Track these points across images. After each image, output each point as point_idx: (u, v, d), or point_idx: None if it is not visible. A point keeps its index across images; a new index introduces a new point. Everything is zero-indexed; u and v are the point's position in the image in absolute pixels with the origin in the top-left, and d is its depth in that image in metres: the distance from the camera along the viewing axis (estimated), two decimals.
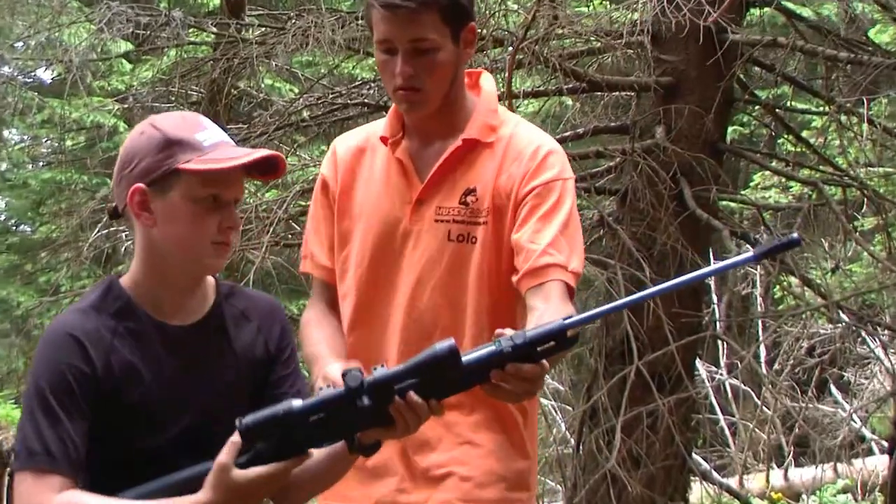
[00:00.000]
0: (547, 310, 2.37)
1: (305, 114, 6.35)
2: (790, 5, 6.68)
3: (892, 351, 6.47)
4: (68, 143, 9.73)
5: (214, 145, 2.17)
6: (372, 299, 2.62)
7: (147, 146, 2.17)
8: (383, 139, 2.65)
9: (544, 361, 2.10)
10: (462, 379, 2.11)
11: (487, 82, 2.71)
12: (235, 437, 2.08)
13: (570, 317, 2.12)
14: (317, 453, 2.17)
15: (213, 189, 2.16)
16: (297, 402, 2.08)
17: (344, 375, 2.08)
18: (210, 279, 2.27)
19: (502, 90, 5.28)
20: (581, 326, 2.15)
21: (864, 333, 6.69)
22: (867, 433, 8.89)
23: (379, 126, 2.72)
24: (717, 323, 7.94)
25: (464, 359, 2.09)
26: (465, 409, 2.57)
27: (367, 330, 2.62)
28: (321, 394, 2.09)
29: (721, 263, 2.35)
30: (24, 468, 2.09)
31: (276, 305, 2.36)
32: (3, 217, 14.51)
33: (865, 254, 7.50)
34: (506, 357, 2.09)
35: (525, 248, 2.47)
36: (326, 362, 2.50)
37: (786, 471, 9.15)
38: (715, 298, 8.87)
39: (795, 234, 2.11)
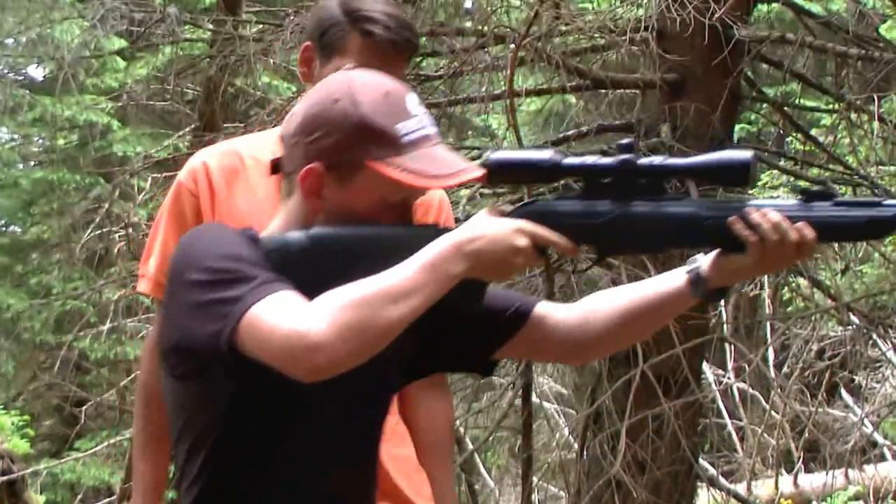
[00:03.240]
0: None
1: None
2: (798, 1, 6.60)
3: None
4: (60, 141, 9.68)
5: (415, 143, 1.86)
6: None
7: (339, 122, 1.86)
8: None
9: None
10: None
11: None
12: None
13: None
14: (614, 296, 1.98)
15: (402, 194, 1.89)
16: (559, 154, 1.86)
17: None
18: None
19: (504, 88, 5.22)
20: None
21: (875, 336, 6.59)
22: (879, 438, 8.79)
23: (251, 149, 2.58)
24: (725, 325, 7.84)
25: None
26: None
27: None
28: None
29: None
30: (248, 304, 1.72)
31: None
32: None
33: (876, 254, 7.42)
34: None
35: None
36: None
37: (795, 477, 9.07)
38: (722, 300, 8.77)
39: None
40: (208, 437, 1.87)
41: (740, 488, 8.12)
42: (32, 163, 13.35)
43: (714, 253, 1.93)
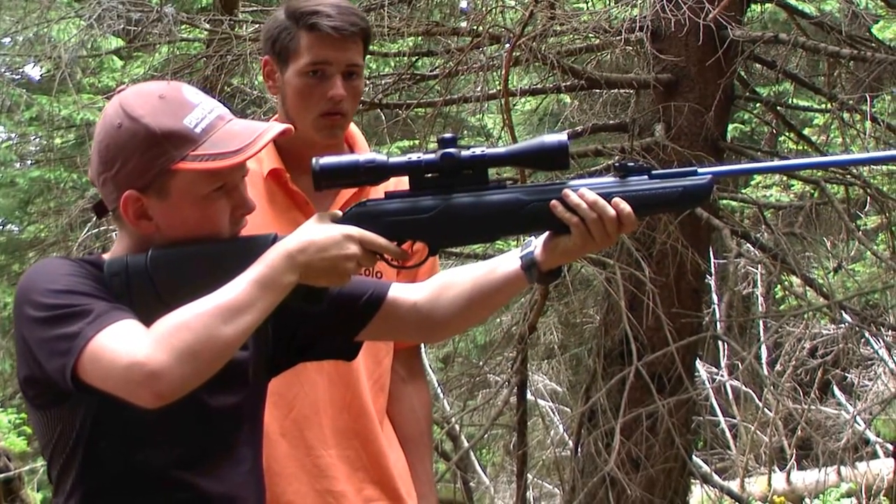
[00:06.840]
0: None
1: None
2: (791, 1, 6.62)
3: None
4: (57, 141, 9.62)
5: (209, 129, 1.88)
6: None
7: (130, 144, 1.87)
8: (277, 172, 2.59)
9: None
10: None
11: None
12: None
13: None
14: (460, 278, 2.04)
15: (219, 181, 1.90)
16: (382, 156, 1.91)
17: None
18: None
19: (499, 88, 5.23)
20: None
21: (867, 334, 6.63)
22: (871, 436, 8.82)
23: None
24: (718, 323, 7.89)
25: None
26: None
27: None
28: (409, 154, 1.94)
29: None
30: (88, 339, 1.77)
31: None
32: None
33: (868, 253, 7.46)
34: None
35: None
36: None
37: (788, 474, 9.09)
38: (715, 298, 8.81)
39: None
40: (76, 457, 1.92)
41: (733, 485, 8.15)
42: (29, 162, 13.33)
43: (544, 235, 1.98)
